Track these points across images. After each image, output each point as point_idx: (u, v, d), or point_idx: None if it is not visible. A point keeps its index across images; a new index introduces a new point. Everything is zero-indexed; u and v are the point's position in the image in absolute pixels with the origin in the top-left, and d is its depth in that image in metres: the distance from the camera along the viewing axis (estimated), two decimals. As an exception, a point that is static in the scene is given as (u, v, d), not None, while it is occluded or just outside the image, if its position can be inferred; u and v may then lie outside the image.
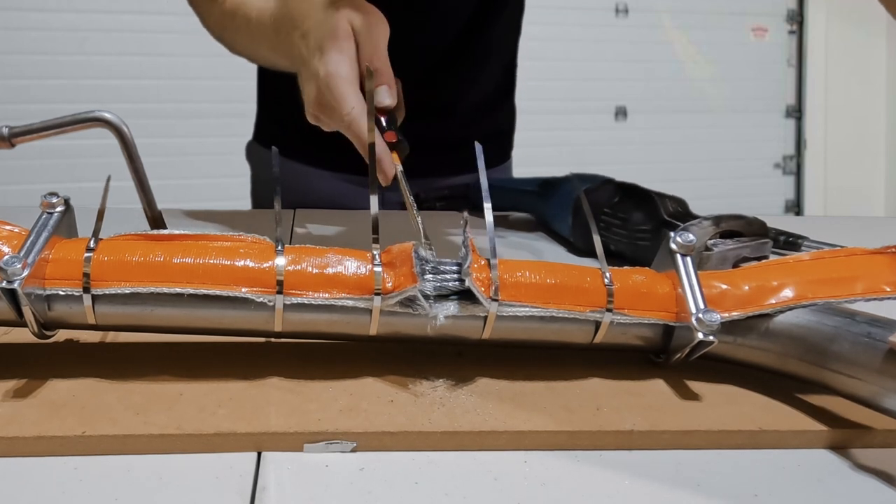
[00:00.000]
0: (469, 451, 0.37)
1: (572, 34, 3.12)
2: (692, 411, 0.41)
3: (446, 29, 0.95)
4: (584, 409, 0.40)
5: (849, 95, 3.47)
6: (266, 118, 1.06)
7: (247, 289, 0.40)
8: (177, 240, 0.41)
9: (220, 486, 0.34)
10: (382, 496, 0.33)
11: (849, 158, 3.48)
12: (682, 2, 3.26)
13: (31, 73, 2.58)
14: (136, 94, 2.66)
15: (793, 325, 0.41)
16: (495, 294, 0.41)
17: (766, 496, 0.35)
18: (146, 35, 2.65)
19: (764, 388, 0.43)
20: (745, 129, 3.42)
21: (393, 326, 0.42)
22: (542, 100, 2.96)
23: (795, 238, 0.74)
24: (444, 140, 0.99)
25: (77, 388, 0.40)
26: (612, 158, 3.11)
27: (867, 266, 0.43)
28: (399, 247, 0.42)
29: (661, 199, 0.67)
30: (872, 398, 0.38)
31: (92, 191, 0.53)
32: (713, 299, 0.42)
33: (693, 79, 3.31)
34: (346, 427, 0.37)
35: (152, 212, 0.58)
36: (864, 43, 3.42)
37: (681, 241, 0.44)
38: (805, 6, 3.44)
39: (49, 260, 0.40)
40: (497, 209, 0.63)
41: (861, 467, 0.37)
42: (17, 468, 0.34)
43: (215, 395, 0.39)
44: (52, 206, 0.42)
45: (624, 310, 0.43)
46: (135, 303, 0.40)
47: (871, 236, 0.79)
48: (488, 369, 0.44)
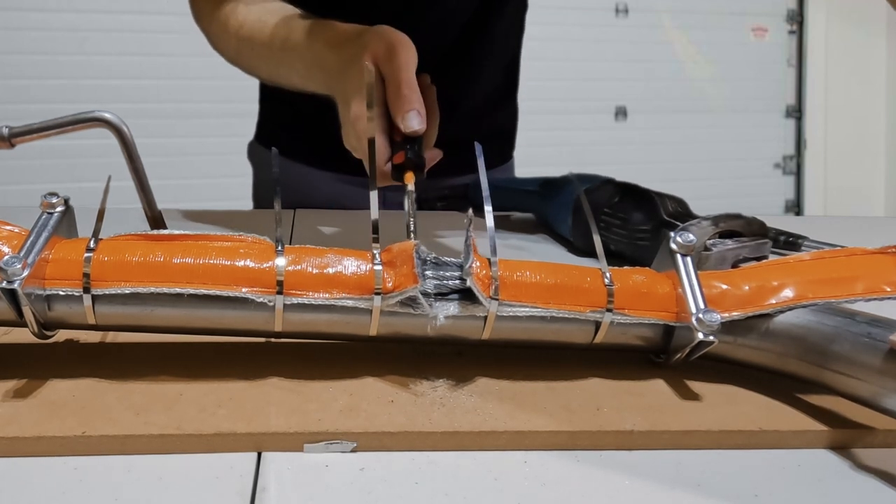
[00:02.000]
0: (469, 451, 0.37)
1: (572, 34, 3.12)
2: (692, 411, 0.41)
3: (447, 28, 0.95)
4: (584, 409, 0.40)
5: (849, 95, 3.47)
6: (267, 118, 1.06)
7: (247, 289, 0.40)
8: (177, 240, 0.41)
9: (220, 486, 0.34)
10: (382, 496, 0.33)
11: (849, 158, 3.48)
12: (682, 2, 3.26)
13: (31, 73, 2.58)
14: (136, 94, 2.66)
15: (793, 325, 0.41)
16: (495, 293, 0.41)
17: (766, 496, 0.35)
18: (146, 35, 2.65)
19: (764, 388, 0.43)
20: (745, 129, 3.42)
21: (393, 326, 0.42)
22: (543, 100, 2.96)
23: (795, 238, 0.74)
24: (446, 140, 0.99)
25: (77, 388, 0.40)
26: (612, 158, 3.12)
27: (867, 266, 0.43)
28: (399, 246, 0.42)
29: (661, 199, 0.67)
30: (872, 398, 0.38)
31: (92, 191, 0.53)
32: (713, 299, 0.42)
33: (693, 79, 3.31)
34: (346, 427, 0.37)
35: (152, 212, 0.58)
36: (864, 43, 3.42)
37: (681, 241, 0.44)
38: (805, 6, 3.44)
39: (49, 260, 0.40)
40: (498, 209, 0.63)
41: (861, 467, 0.37)
42: (17, 468, 0.34)
43: (215, 395, 0.39)
44: (52, 206, 0.42)
45: (624, 310, 0.43)
46: (135, 303, 0.40)
47: (871, 236, 0.79)
48: (488, 369, 0.44)
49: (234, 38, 0.76)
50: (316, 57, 0.67)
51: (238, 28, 0.75)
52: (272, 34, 0.71)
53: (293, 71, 0.71)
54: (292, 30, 0.70)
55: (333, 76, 0.64)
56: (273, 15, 0.73)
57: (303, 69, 0.70)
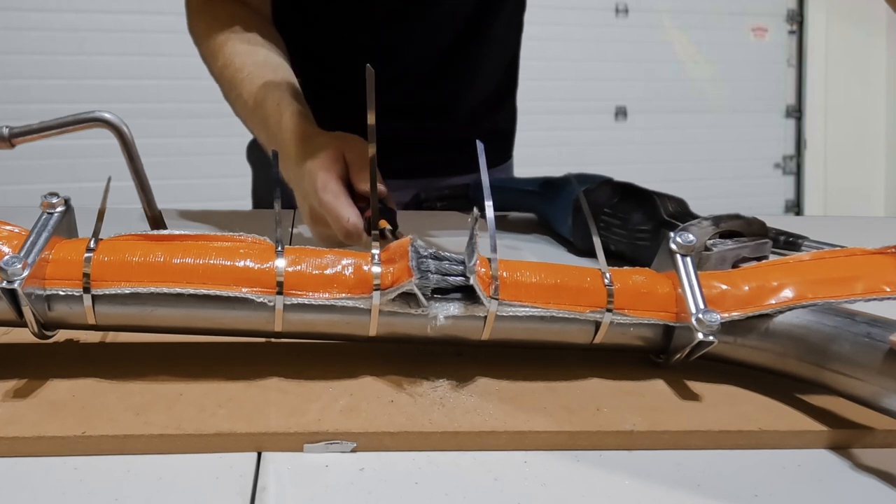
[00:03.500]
0: (469, 451, 0.37)
1: (572, 34, 3.13)
2: (692, 411, 0.41)
3: (446, 28, 0.95)
4: (584, 410, 0.40)
5: (849, 95, 3.47)
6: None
7: (247, 289, 0.40)
8: (177, 240, 0.41)
9: (220, 486, 0.34)
10: (382, 496, 0.33)
11: (849, 158, 3.48)
12: (682, 2, 3.27)
13: (31, 73, 2.58)
14: (136, 94, 2.66)
15: (793, 325, 0.41)
16: (495, 293, 0.41)
17: (766, 496, 0.35)
18: (146, 35, 2.65)
19: (764, 388, 0.43)
20: (745, 129, 3.42)
21: (393, 327, 0.42)
22: (542, 100, 2.96)
23: (795, 238, 0.74)
24: (445, 140, 0.99)
25: (77, 388, 0.40)
26: (612, 158, 3.12)
27: (867, 266, 0.43)
28: (397, 243, 0.42)
29: (660, 199, 0.67)
30: (872, 398, 0.38)
31: (92, 191, 0.53)
32: (713, 299, 0.42)
33: (693, 79, 3.31)
34: (346, 427, 0.37)
35: (152, 212, 0.58)
36: (864, 43, 3.42)
37: (680, 242, 0.44)
38: (805, 6, 3.44)
39: (49, 260, 0.40)
40: (498, 209, 0.63)
41: (861, 467, 0.37)
42: (17, 468, 0.34)
43: (215, 395, 0.39)
44: (53, 206, 0.42)
45: (624, 310, 0.43)
46: (135, 303, 0.40)
47: (871, 236, 0.79)
48: (488, 369, 0.44)
49: (218, 73, 0.78)
50: (279, 142, 0.70)
51: (222, 67, 0.77)
52: (248, 92, 0.74)
53: (259, 133, 0.75)
54: (266, 99, 0.72)
55: (291, 168, 0.67)
56: (256, 69, 0.75)
57: (266, 141, 0.74)
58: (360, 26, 0.92)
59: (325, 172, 0.62)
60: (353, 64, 0.61)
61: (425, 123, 0.98)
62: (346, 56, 0.92)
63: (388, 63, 0.88)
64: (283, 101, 0.71)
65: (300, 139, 0.67)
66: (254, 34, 0.78)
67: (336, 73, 0.93)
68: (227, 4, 0.81)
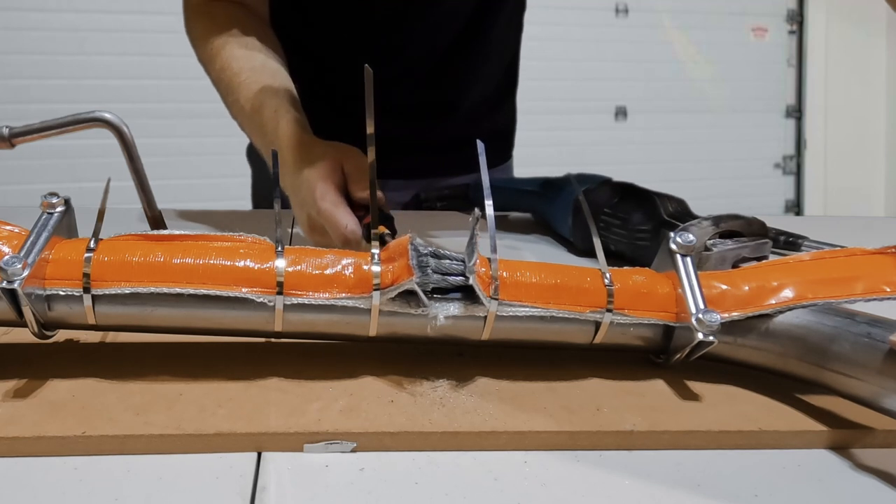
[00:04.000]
0: (469, 451, 0.37)
1: (572, 34, 3.12)
2: (692, 411, 0.41)
3: (446, 28, 0.95)
4: (584, 410, 0.40)
5: (849, 95, 3.47)
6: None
7: (247, 289, 0.40)
8: (177, 240, 0.41)
9: (220, 486, 0.34)
10: (382, 496, 0.33)
11: (849, 158, 3.48)
12: (682, 2, 3.27)
13: (31, 73, 2.58)
14: (136, 94, 2.66)
15: (793, 325, 0.41)
16: (495, 293, 0.41)
17: (766, 496, 0.35)
18: (146, 35, 2.65)
19: (764, 388, 0.43)
20: (745, 129, 3.42)
21: (393, 326, 0.42)
22: (542, 100, 2.96)
23: (795, 238, 0.74)
24: (445, 140, 0.99)
25: (77, 388, 0.40)
26: (612, 158, 3.12)
27: (867, 266, 0.43)
28: (396, 241, 0.42)
29: (660, 199, 0.67)
30: (872, 398, 0.38)
31: (92, 191, 0.53)
32: (713, 299, 0.42)
33: (693, 79, 3.31)
34: (346, 427, 0.37)
35: (152, 212, 0.58)
36: (864, 43, 3.42)
37: (680, 242, 0.44)
38: (805, 6, 3.44)
39: (49, 260, 0.40)
40: (498, 209, 0.63)
41: (861, 467, 0.37)
42: (17, 468, 0.34)
43: (215, 395, 0.39)
44: (53, 206, 0.42)
45: (624, 310, 0.43)
46: (135, 303, 0.40)
47: (871, 236, 0.79)
48: (488, 369, 0.44)
49: (215, 76, 0.78)
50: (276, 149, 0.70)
51: (220, 70, 0.77)
52: (245, 97, 0.73)
53: (255, 139, 0.75)
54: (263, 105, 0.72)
55: (288, 176, 0.67)
56: (254, 74, 0.75)
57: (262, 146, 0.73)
58: (359, 26, 0.92)
59: (324, 182, 0.62)
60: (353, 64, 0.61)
61: (425, 123, 0.98)
62: (346, 56, 0.92)
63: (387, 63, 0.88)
64: (280, 108, 0.71)
65: (297, 148, 0.67)
66: (252, 38, 0.78)
67: (336, 74, 0.93)
68: (225, 6, 0.81)
